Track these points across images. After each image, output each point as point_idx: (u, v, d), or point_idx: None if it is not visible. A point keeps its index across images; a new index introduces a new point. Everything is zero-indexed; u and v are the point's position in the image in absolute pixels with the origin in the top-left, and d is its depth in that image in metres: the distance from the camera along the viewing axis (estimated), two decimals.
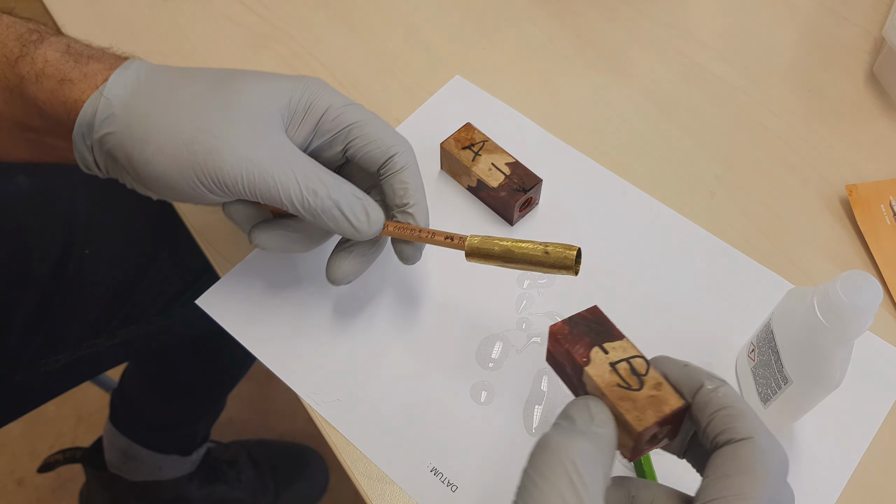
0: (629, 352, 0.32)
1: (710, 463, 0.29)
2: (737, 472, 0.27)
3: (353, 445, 0.44)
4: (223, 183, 0.38)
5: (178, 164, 0.37)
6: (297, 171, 0.38)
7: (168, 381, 0.87)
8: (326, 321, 0.48)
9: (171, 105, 0.38)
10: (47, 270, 0.58)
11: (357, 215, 0.40)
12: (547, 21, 0.64)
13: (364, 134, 0.41)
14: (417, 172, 0.43)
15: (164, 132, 0.37)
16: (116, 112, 0.38)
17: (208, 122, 0.37)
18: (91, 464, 0.93)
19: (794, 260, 0.51)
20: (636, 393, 0.31)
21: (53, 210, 0.60)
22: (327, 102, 0.40)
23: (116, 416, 0.90)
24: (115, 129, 0.38)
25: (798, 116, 0.58)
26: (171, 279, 0.65)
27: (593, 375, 0.32)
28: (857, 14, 0.64)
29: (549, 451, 0.28)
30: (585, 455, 0.28)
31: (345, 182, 0.40)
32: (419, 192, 0.42)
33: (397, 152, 0.41)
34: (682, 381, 0.31)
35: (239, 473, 1.01)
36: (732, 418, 0.29)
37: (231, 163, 0.37)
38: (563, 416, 0.31)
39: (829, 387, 0.38)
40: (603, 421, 0.30)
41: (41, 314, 0.58)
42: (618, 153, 0.56)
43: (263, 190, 0.38)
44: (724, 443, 0.29)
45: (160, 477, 0.91)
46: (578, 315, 0.34)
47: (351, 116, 0.41)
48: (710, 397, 0.30)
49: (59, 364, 0.61)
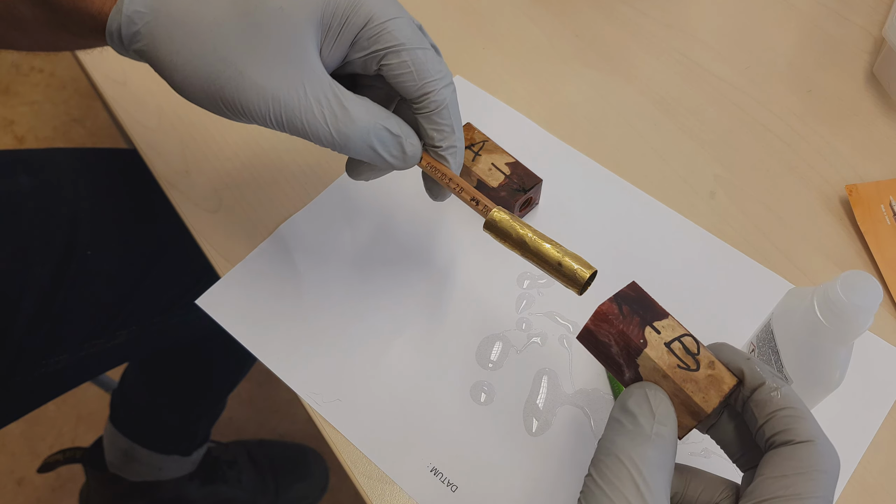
0: (678, 330, 0.32)
1: (767, 462, 0.29)
2: (795, 473, 0.28)
3: (353, 445, 0.44)
4: (250, 117, 0.36)
5: (206, 94, 0.36)
6: (326, 112, 0.36)
7: (168, 382, 0.87)
8: (326, 321, 0.48)
9: (192, 28, 0.35)
10: (49, 271, 0.58)
11: (392, 152, 0.38)
12: (547, 21, 0.64)
13: (399, 62, 0.36)
14: (454, 111, 0.38)
15: (189, 64, 0.35)
16: (141, 30, 0.36)
17: (232, 53, 0.35)
18: (91, 464, 0.93)
19: (794, 260, 0.51)
20: (695, 374, 0.30)
21: (55, 211, 0.60)
22: (367, 14, 0.36)
23: (117, 416, 0.90)
24: (143, 46, 0.36)
25: (798, 116, 0.58)
26: (171, 280, 0.65)
27: (654, 358, 0.31)
28: (857, 14, 0.64)
29: (613, 458, 0.28)
30: (651, 463, 0.28)
31: (380, 113, 0.37)
32: (452, 136, 0.39)
33: (432, 90, 0.37)
34: (747, 372, 0.31)
35: (239, 473, 1.01)
36: (794, 420, 0.29)
37: (257, 102, 0.35)
38: (621, 409, 0.30)
39: (829, 387, 0.38)
40: (665, 416, 0.29)
41: (42, 315, 0.58)
42: (618, 153, 0.56)
43: (292, 129, 0.36)
44: (782, 443, 0.29)
45: (160, 477, 0.91)
46: (622, 293, 0.33)
47: (389, 38, 0.36)
48: (771, 396, 0.30)
49: (60, 364, 0.61)
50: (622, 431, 0.29)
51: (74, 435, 1.19)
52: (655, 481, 0.27)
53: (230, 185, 0.55)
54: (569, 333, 0.48)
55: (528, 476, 0.43)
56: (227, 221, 0.53)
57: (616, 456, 0.28)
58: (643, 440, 0.28)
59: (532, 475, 0.43)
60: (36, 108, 1.57)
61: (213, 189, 0.55)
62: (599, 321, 0.32)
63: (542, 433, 0.44)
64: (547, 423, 0.45)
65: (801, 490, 0.27)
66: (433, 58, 0.37)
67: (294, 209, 0.54)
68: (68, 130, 1.54)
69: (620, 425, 0.29)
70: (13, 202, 0.59)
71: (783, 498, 0.27)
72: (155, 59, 0.36)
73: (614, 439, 0.29)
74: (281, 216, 0.53)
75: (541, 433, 0.44)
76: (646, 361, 0.31)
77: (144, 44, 0.36)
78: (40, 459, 0.95)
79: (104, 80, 0.61)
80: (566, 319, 0.49)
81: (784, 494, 0.27)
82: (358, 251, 0.51)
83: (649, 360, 0.31)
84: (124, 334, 0.64)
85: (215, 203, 0.54)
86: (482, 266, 0.51)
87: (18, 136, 1.54)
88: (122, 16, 0.35)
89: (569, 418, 0.45)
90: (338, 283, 0.50)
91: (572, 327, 0.48)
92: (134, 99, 0.59)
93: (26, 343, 0.58)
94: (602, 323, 0.32)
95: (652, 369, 0.31)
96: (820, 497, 0.27)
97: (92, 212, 0.61)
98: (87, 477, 0.95)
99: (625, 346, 0.32)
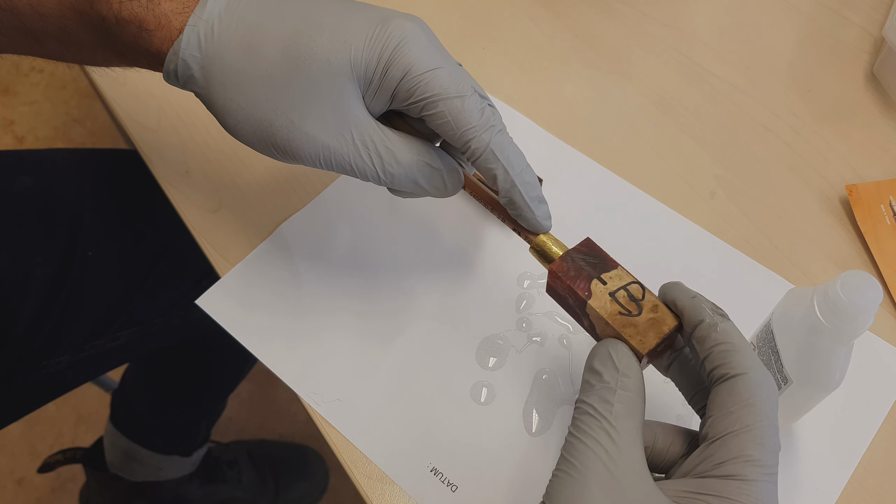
0: (625, 279, 0.35)
1: (712, 401, 0.32)
2: (738, 408, 0.30)
3: (353, 445, 0.44)
4: (302, 161, 0.38)
5: (259, 139, 0.37)
6: (372, 155, 0.37)
7: (169, 382, 0.87)
8: (326, 321, 0.48)
9: (245, 77, 0.36)
10: (50, 272, 0.58)
11: (435, 184, 0.39)
12: (547, 21, 0.64)
13: (436, 113, 0.37)
14: (503, 154, 0.37)
15: (242, 111, 0.37)
16: (195, 75, 0.37)
17: (283, 103, 0.36)
18: (91, 464, 0.93)
19: (794, 260, 0.51)
20: (636, 318, 0.34)
21: (56, 211, 0.60)
22: (405, 67, 0.36)
23: (117, 417, 0.90)
24: (198, 90, 0.38)
25: (798, 116, 0.58)
26: (172, 280, 0.65)
27: (596, 308, 0.34)
28: (857, 14, 0.64)
29: (586, 415, 0.31)
30: (618, 413, 0.31)
31: (422, 149, 0.38)
32: (506, 178, 0.38)
33: (472, 137, 0.37)
34: (687, 311, 0.34)
35: (239, 473, 1.01)
36: (729, 354, 0.32)
37: (307, 149, 0.37)
38: (589, 370, 0.33)
39: (829, 387, 0.38)
40: (627, 367, 0.32)
41: (44, 315, 0.58)
42: (618, 153, 0.56)
43: (342, 171, 0.38)
44: (721, 377, 0.32)
45: (160, 477, 0.91)
46: (574, 249, 0.37)
47: (425, 89, 0.36)
48: (709, 332, 0.32)
49: (61, 365, 0.61)
50: (591, 390, 0.32)
51: (74, 435, 1.19)
52: (624, 428, 0.31)
53: (230, 185, 0.55)
54: (569, 333, 0.48)
55: (528, 476, 0.43)
56: (227, 221, 0.53)
57: (587, 412, 0.31)
58: (609, 393, 0.31)
59: (532, 475, 0.43)
60: (36, 108, 1.57)
61: (213, 189, 0.55)
62: (553, 279, 0.37)
63: (542, 433, 0.44)
64: (547, 423, 0.45)
65: (748, 422, 0.30)
66: (471, 106, 0.37)
67: (294, 209, 0.54)
68: (68, 130, 1.54)
69: (589, 385, 0.32)
70: (13, 202, 0.59)
71: (734, 433, 0.30)
72: (209, 103, 0.38)
73: (585, 399, 0.32)
74: (281, 216, 0.53)
75: (541, 433, 0.44)
76: (591, 311, 0.35)
77: (199, 87, 0.37)
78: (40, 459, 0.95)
79: (104, 80, 0.61)
80: (566, 319, 0.49)
81: (734, 429, 0.30)
82: (358, 251, 0.51)
83: (593, 311, 0.35)
84: (125, 335, 0.64)
85: (215, 203, 0.54)
86: (482, 266, 0.51)
87: (18, 136, 1.54)
88: (179, 59, 0.37)
89: (569, 418, 0.45)
90: (338, 283, 0.50)
91: (572, 327, 0.48)
92: (134, 99, 0.59)
93: (27, 343, 0.58)
94: (555, 280, 0.37)
95: (597, 318, 0.35)
96: (764, 424, 0.30)
97: (92, 212, 0.61)
98: (88, 477, 0.95)
99: (575, 299, 0.36)
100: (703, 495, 0.30)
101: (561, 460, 0.31)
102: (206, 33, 0.36)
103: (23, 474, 1.16)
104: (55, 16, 0.38)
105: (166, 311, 0.65)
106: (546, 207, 0.40)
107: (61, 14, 0.38)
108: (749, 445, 0.30)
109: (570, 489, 0.30)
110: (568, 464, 0.31)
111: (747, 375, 0.31)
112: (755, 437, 0.30)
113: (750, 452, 0.30)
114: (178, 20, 0.37)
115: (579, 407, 0.32)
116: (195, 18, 0.36)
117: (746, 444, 0.30)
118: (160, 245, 0.64)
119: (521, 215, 0.39)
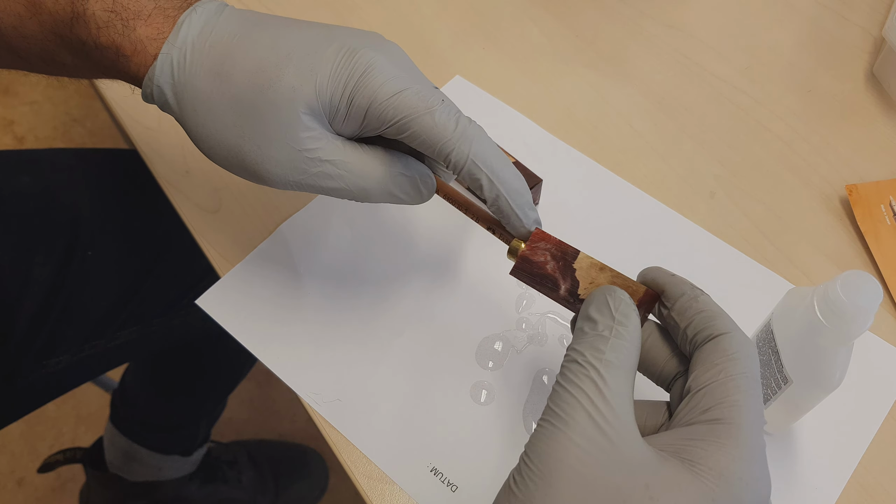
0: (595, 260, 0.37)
1: (697, 358, 0.32)
2: (723, 360, 0.31)
3: (353, 445, 0.44)
4: (274, 185, 0.38)
5: (231, 164, 0.38)
6: (343, 173, 0.37)
7: (169, 382, 0.87)
8: (326, 321, 0.48)
9: (214, 105, 0.37)
10: (50, 272, 0.58)
11: (409, 192, 0.39)
12: (547, 21, 0.64)
13: (412, 133, 0.36)
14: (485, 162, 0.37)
15: (213, 137, 0.38)
16: (169, 100, 0.38)
17: (249, 129, 0.37)
18: (91, 464, 0.93)
19: (794, 260, 0.51)
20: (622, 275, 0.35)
21: (56, 211, 0.60)
22: (370, 96, 0.36)
23: (117, 417, 0.90)
24: (173, 114, 0.39)
25: (798, 116, 0.58)
26: (172, 280, 0.65)
27: (586, 256, 0.36)
28: (857, 14, 0.64)
29: (575, 363, 0.30)
30: (610, 363, 0.30)
31: (392, 160, 0.38)
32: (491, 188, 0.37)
33: (450, 150, 0.36)
34: (668, 287, 0.34)
35: (239, 474, 1.01)
36: (712, 318, 0.33)
37: (277, 173, 0.37)
38: (584, 317, 0.32)
39: (829, 387, 0.38)
40: (625, 314, 0.31)
41: (43, 315, 0.58)
42: (618, 153, 0.56)
43: (316, 192, 0.38)
44: (705, 338, 0.32)
45: (160, 477, 0.92)
46: None
47: (395, 113, 0.36)
48: (691, 303, 0.33)
49: (60, 365, 0.61)
50: (583, 338, 0.31)
51: (74, 435, 1.19)
52: (614, 378, 0.30)
53: (230, 185, 0.55)
54: (569, 333, 0.48)
55: None
56: (227, 221, 0.53)
57: (575, 361, 0.30)
58: (602, 342, 0.31)
59: None
60: (36, 108, 1.57)
61: (213, 189, 0.55)
62: (536, 241, 0.37)
63: None
64: None
65: (732, 372, 0.31)
66: (442, 119, 0.36)
67: (294, 209, 0.54)
68: (68, 130, 1.54)
69: (582, 333, 0.32)
70: (13, 203, 0.59)
71: (718, 382, 0.30)
72: (185, 128, 0.39)
73: (575, 346, 0.31)
74: (281, 216, 0.53)
75: None
76: (583, 262, 0.36)
77: (174, 112, 0.38)
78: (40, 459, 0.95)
79: (104, 80, 0.61)
80: (566, 319, 0.49)
81: (718, 378, 0.31)
82: (358, 251, 0.51)
83: (586, 259, 0.36)
84: (125, 335, 0.64)
85: (215, 203, 0.54)
86: (482, 266, 0.51)
87: (18, 136, 1.54)
88: (154, 85, 0.37)
89: None
90: (338, 283, 0.50)
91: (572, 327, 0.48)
92: (134, 99, 0.59)
93: (27, 343, 0.58)
94: (539, 241, 0.37)
95: (589, 266, 0.36)
96: (747, 374, 0.31)
97: (92, 212, 0.61)
98: (88, 477, 0.95)
99: (561, 256, 0.37)
100: (691, 441, 0.29)
101: (546, 410, 0.30)
102: (178, 60, 0.37)
103: (23, 474, 1.16)
104: (37, 38, 0.38)
105: (166, 311, 0.65)
106: (535, 214, 0.39)
107: (43, 37, 0.38)
108: (734, 391, 0.30)
109: (553, 440, 0.29)
110: (552, 414, 0.29)
111: (730, 334, 0.32)
112: (740, 384, 0.30)
113: (736, 398, 0.30)
114: (153, 46, 0.37)
115: (569, 355, 0.31)
116: (168, 46, 0.37)
117: (731, 391, 0.30)
118: (160, 245, 0.64)
119: (510, 223, 0.39)
